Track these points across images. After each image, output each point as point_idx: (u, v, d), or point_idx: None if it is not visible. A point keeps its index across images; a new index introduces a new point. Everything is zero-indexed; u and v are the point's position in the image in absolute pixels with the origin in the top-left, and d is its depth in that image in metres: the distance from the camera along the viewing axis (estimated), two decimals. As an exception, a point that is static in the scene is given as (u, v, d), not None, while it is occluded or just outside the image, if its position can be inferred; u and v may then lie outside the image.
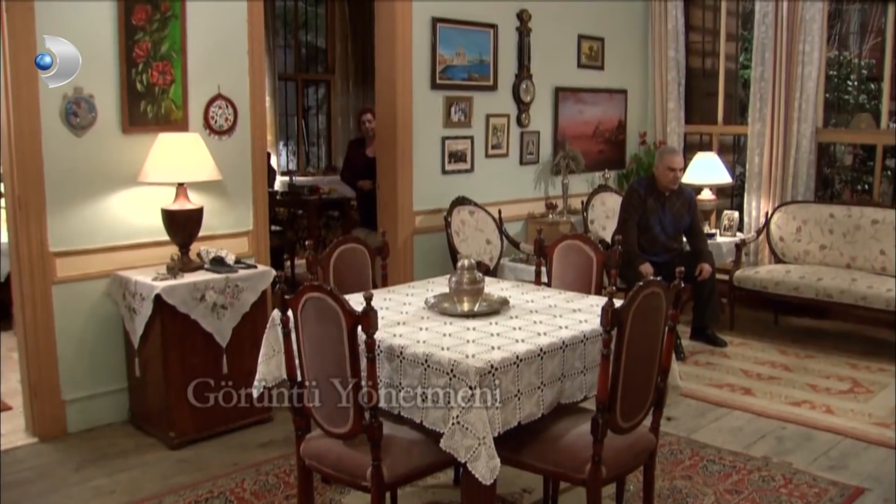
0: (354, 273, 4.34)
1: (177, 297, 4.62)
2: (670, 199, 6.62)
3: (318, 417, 3.28)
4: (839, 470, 4.47)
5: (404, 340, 3.20)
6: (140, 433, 4.94)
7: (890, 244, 6.90)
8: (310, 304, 3.12)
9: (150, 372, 4.82)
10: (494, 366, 2.95)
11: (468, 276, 3.61)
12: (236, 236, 5.49)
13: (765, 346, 6.73)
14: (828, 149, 8.34)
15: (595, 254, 4.40)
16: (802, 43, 7.50)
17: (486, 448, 2.89)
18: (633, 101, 8.61)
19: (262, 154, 5.66)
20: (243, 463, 4.54)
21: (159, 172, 4.81)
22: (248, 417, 5.00)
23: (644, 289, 3.10)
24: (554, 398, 3.25)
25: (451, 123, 6.75)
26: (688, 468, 4.44)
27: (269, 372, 3.71)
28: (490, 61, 6.99)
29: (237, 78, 5.42)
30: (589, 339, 3.36)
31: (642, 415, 3.33)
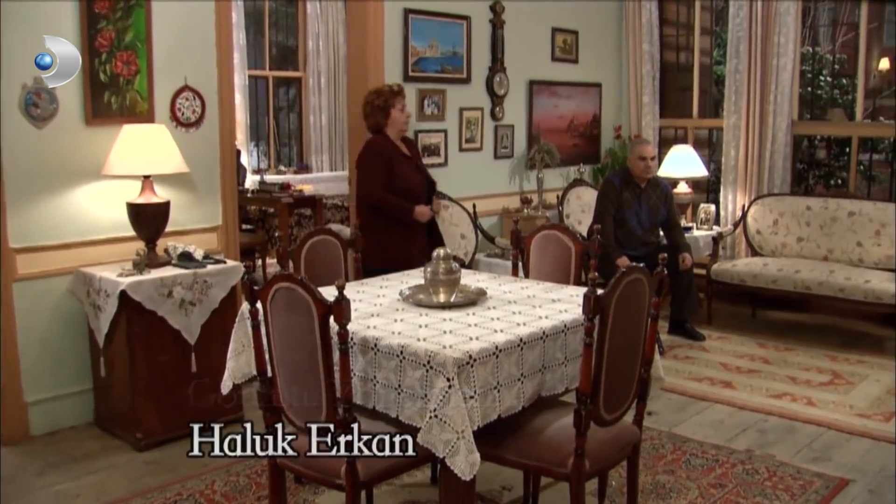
0: (327, 266, 4.21)
1: (143, 293, 4.47)
2: (646, 192, 6.55)
3: (290, 414, 3.16)
4: (823, 462, 4.40)
5: (379, 332, 3.08)
6: (106, 435, 4.79)
7: (866, 236, 6.87)
8: (279, 295, 3.00)
9: (116, 371, 4.67)
10: (473, 356, 2.84)
11: (444, 267, 3.50)
12: (205, 231, 5.35)
13: (743, 340, 6.67)
14: (801, 144, 8.31)
15: (574, 244, 4.30)
16: (777, 35, 7.47)
17: (464, 442, 2.77)
18: (608, 95, 8.53)
19: (231, 148, 5.53)
20: (213, 464, 4.37)
21: (124, 165, 4.66)
22: (218, 416, 4.81)
23: (627, 275, 3.00)
24: (535, 390, 3.14)
25: (424, 117, 6.64)
26: (670, 463, 4.35)
27: (238, 368, 3.60)
28: (463, 54, 6.89)
29: (205, 69, 5.28)
30: (570, 329, 3.26)
31: (626, 406, 3.23)
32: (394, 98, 5.33)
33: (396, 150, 5.36)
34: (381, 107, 5.31)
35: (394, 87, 5.41)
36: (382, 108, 5.31)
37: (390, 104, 5.32)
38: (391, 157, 5.28)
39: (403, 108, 5.39)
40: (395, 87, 5.41)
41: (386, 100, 5.31)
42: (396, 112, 5.34)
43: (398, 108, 5.34)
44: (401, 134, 5.44)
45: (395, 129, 5.37)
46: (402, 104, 5.37)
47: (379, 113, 5.33)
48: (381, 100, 5.33)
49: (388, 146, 5.33)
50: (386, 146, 5.32)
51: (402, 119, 5.39)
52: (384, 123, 5.35)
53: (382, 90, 5.41)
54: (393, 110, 5.33)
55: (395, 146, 5.37)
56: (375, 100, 5.36)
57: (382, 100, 5.30)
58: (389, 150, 5.31)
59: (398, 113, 5.34)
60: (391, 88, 5.40)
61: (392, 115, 5.33)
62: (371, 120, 5.39)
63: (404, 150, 5.44)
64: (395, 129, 5.37)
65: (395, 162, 5.29)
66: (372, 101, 5.38)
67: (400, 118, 5.36)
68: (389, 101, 5.31)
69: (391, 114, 5.33)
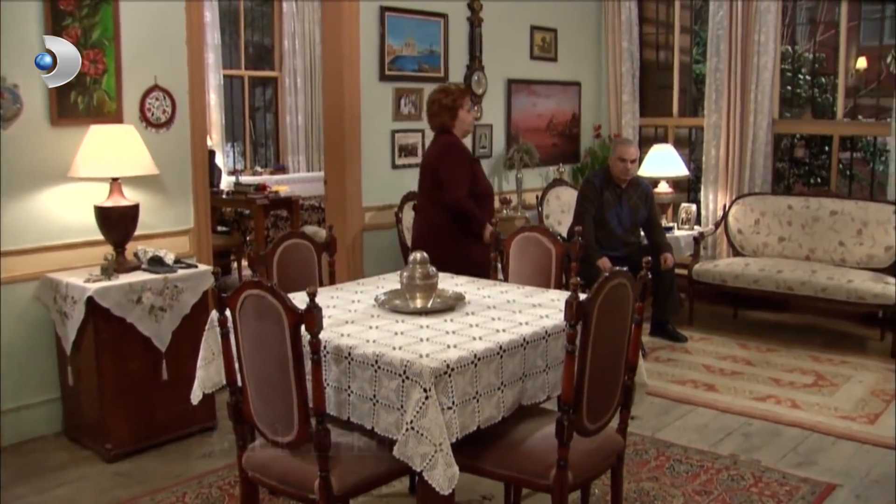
0: (300, 270, 4.08)
1: (111, 299, 4.33)
2: (627, 192, 6.48)
3: (261, 426, 3.03)
4: (809, 466, 4.33)
5: (352, 340, 2.96)
6: (75, 446, 4.64)
7: (848, 235, 6.81)
8: (249, 303, 2.87)
9: (84, 380, 4.52)
10: (451, 366, 2.73)
11: (420, 271, 3.38)
12: (176, 235, 5.21)
13: (725, 341, 6.60)
14: (779, 143, 8.25)
15: (554, 246, 4.20)
16: (758, 33, 7.41)
17: (443, 455, 2.66)
18: (587, 94, 8.45)
19: (203, 149, 5.39)
20: (185, 475, 4.27)
21: (91, 167, 4.51)
22: (190, 426, 4.72)
23: (610, 280, 2.89)
24: (515, 399, 3.03)
25: (401, 116, 6.53)
26: (654, 469, 4.26)
27: (208, 378, 3.46)
28: (441, 52, 6.78)
29: (175, 68, 5.14)
30: (551, 336, 3.15)
31: (610, 415, 3.12)
32: (462, 98, 5.13)
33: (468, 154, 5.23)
34: (450, 106, 5.10)
35: (461, 86, 5.22)
36: (450, 108, 5.11)
37: (459, 104, 5.11)
38: (471, 161, 5.16)
39: (471, 108, 5.21)
40: (463, 87, 5.22)
41: (455, 99, 5.10)
42: (464, 113, 5.14)
43: (466, 108, 5.14)
44: (466, 135, 5.26)
45: (461, 130, 5.17)
46: (469, 104, 5.17)
47: (446, 113, 5.12)
48: (450, 99, 5.12)
49: (465, 147, 5.18)
50: (465, 147, 5.17)
51: (470, 119, 5.20)
52: (451, 124, 5.14)
53: (450, 89, 5.22)
54: (461, 111, 5.12)
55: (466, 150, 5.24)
56: (443, 98, 5.14)
57: (451, 99, 5.10)
58: (468, 151, 5.16)
59: (466, 114, 5.14)
60: (459, 87, 5.24)
61: (460, 115, 5.12)
62: (437, 119, 5.17)
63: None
64: (461, 129, 5.17)
65: (474, 165, 5.17)
66: (439, 99, 5.16)
67: (468, 119, 5.17)
68: (458, 101, 5.10)
69: (459, 114, 5.11)
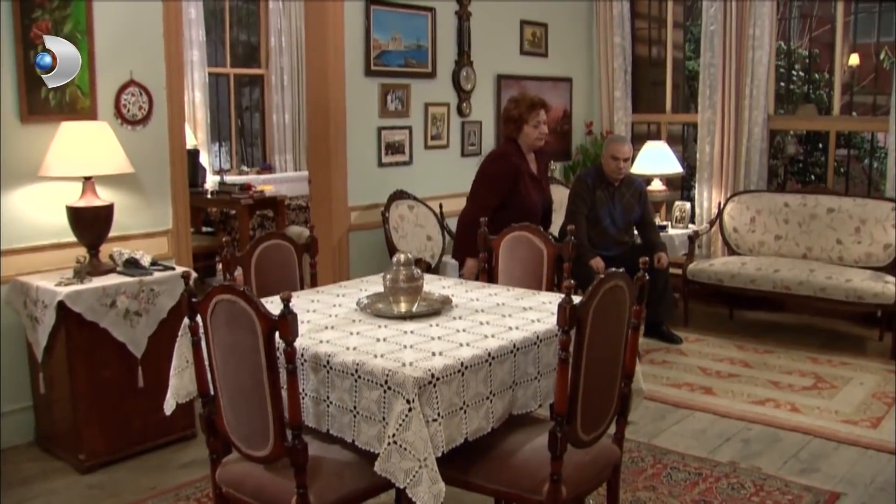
0: (279, 273, 3.90)
1: (83, 303, 4.14)
2: (619, 191, 6.33)
3: (235, 438, 2.85)
4: (811, 473, 4.17)
5: (332, 347, 2.78)
6: (47, 456, 4.45)
7: (846, 233, 6.66)
8: (220, 308, 2.69)
9: (57, 388, 4.34)
10: (436, 375, 2.55)
11: (405, 273, 3.20)
12: (154, 236, 5.02)
13: (722, 342, 6.44)
14: (773, 140, 8.11)
15: (546, 246, 4.03)
16: (752, 28, 7.26)
17: (427, 471, 2.48)
18: (579, 90, 8.29)
19: (182, 146, 5.19)
20: (162, 487, 4.10)
21: (62, 165, 4.32)
22: (167, 435, 4.54)
23: (606, 282, 2.72)
24: (505, 409, 2.85)
25: (388, 113, 6.34)
26: (651, 477, 4.09)
27: (182, 386, 3.28)
28: (428, 47, 6.60)
29: (152, 63, 4.95)
30: (543, 341, 2.98)
31: (605, 425, 2.95)
32: (530, 112, 5.08)
33: (523, 166, 5.16)
34: (516, 119, 5.13)
35: (534, 100, 5.16)
36: (516, 121, 5.14)
37: (525, 119, 5.09)
38: (516, 177, 5.09)
39: (538, 124, 5.12)
40: (535, 100, 5.16)
41: (521, 112, 5.09)
42: (529, 128, 5.11)
43: (532, 123, 5.10)
44: (531, 149, 5.22)
45: (525, 144, 5.17)
46: (537, 119, 5.10)
47: (512, 124, 5.17)
48: (518, 111, 5.13)
49: (516, 162, 5.12)
50: (513, 162, 5.12)
51: (535, 135, 5.13)
52: (516, 136, 5.17)
53: (521, 100, 5.20)
54: (526, 126, 5.11)
55: (523, 161, 5.17)
56: (512, 109, 5.18)
57: (518, 112, 5.11)
58: (516, 166, 5.11)
59: (531, 129, 5.11)
60: (531, 101, 5.16)
61: (525, 130, 5.12)
62: (505, 129, 5.27)
63: (532, 165, 5.23)
64: (525, 143, 5.17)
65: (519, 180, 5.10)
66: (509, 109, 5.21)
67: (532, 134, 5.12)
68: (525, 116, 5.08)
69: (524, 129, 5.12)
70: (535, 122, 5.10)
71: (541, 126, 5.14)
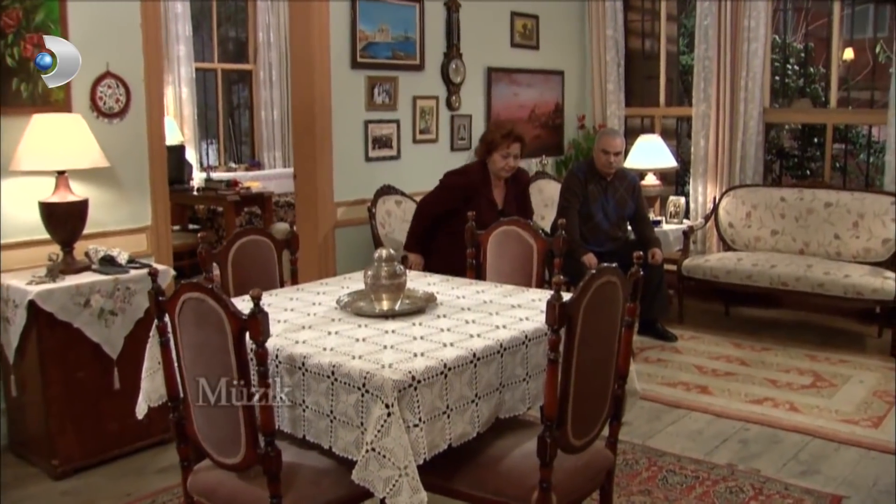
0: (258, 270, 3.74)
1: (55, 302, 3.98)
2: (612, 185, 6.18)
3: (206, 445, 2.69)
4: (812, 475, 4.02)
5: (308, 348, 2.63)
6: (20, 462, 4.29)
7: (844, 228, 6.53)
8: (188, 307, 2.53)
9: (29, 391, 4.18)
10: (416, 377, 2.40)
11: (387, 270, 3.05)
12: (132, 233, 4.84)
13: (718, 340, 6.30)
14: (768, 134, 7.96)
15: (535, 241, 3.88)
16: (748, 19, 7.12)
17: (408, 480, 2.33)
18: (571, 83, 8.12)
19: (161, 141, 5.02)
20: (138, 493, 3.95)
21: (34, 159, 4.15)
22: (145, 438, 4.38)
23: (597, 278, 2.56)
24: (492, 413, 2.70)
25: (375, 106, 6.18)
26: (646, 481, 3.94)
27: (154, 389, 3.13)
28: (416, 39, 6.43)
29: (130, 54, 4.77)
30: (532, 341, 2.83)
31: (598, 429, 2.80)
32: (503, 141, 5.16)
33: (483, 189, 5.25)
34: (488, 142, 5.25)
35: (512, 131, 5.23)
36: (488, 144, 5.25)
37: (496, 145, 5.19)
38: (468, 195, 5.16)
39: (508, 155, 5.19)
40: (513, 131, 5.23)
41: (495, 138, 5.20)
42: (497, 156, 5.20)
43: (501, 152, 5.18)
44: (497, 177, 5.31)
45: (493, 168, 5.27)
46: (507, 150, 5.17)
47: (484, 146, 5.31)
48: (492, 136, 5.25)
49: (474, 180, 5.26)
50: (471, 179, 5.28)
51: (500, 164, 5.21)
52: (486, 158, 5.30)
53: (501, 126, 5.36)
54: (495, 153, 5.21)
55: (485, 185, 5.27)
56: (489, 133, 5.38)
57: (492, 137, 5.23)
58: (472, 184, 5.25)
59: (498, 157, 5.20)
60: (509, 130, 5.22)
61: (493, 156, 5.23)
62: (479, 148, 5.41)
63: (497, 192, 5.33)
64: (491, 169, 5.28)
65: (472, 200, 5.08)
66: (487, 130, 5.51)
67: (498, 163, 5.22)
68: (497, 142, 5.18)
69: (493, 154, 5.22)
70: (504, 151, 5.17)
71: (509, 158, 5.21)
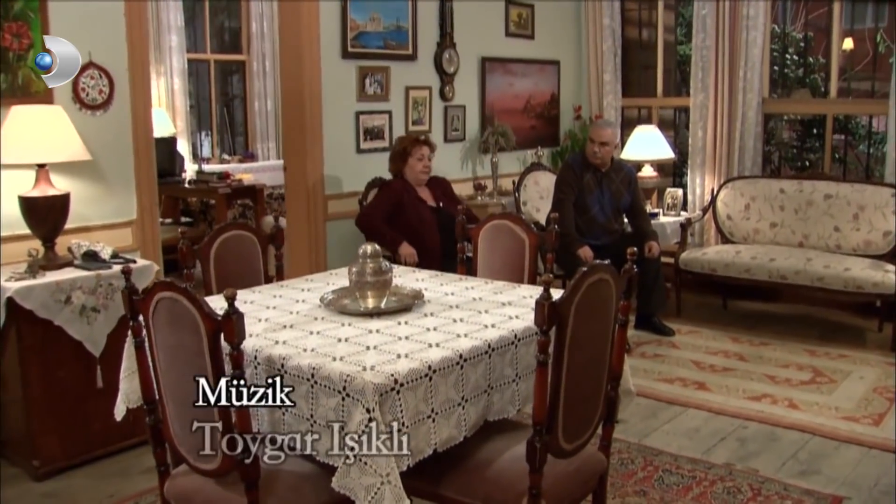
0: (242, 266, 3.64)
1: (34, 299, 3.87)
2: (608, 176, 6.08)
3: (182, 450, 2.59)
4: (811, 475, 3.93)
5: (287, 349, 2.52)
6: (2, 462, 4.18)
7: (844, 220, 6.42)
8: (162, 307, 2.43)
9: (9, 390, 4.09)
10: (399, 380, 2.30)
11: (372, 266, 2.94)
12: (117, 227, 4.74)
13: (715, 334, 6.20)
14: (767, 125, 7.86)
15: (528, 236, 3.78)
16: (746, 8, 7.02)
17: (390, 487, 2.23)
18: (567, 73, 8.02)
19: (147, 133, 4.90)
20: (121, 494, 3.86)
21: (13, 152, 4.04)
22: (129, 438, 4.26)
23: (589, 275, 2.45)
24: (479, 416, 2.60)
25: (366, 96, 6.08)
26: (641, 481, 3.84)
27: (132, 390, 3.03)
28: (408, 28, 6.32)
29: (113, 44, 4.65)
30: (522, 340, 2.72)
31: (590, 433, 2.69)
32: (413, 146, 5.54)
33: (406, 196, 5.51)
34: (401, 152, 5.57)
35: (420, 137, 5.69)
36: (402, 154, 5.56)
37: (409, 152, 5.53)
38: (398, 200, 5.48)
39: (422, 157, 5.55)
40: (420, 137, 5.69)
41: (406, 146, 5.56)
42: (413, 160, 5.53)
43: (416, 156, 5.53)
44: (419, 181, 5.60)
45: (411, 177, 5.56)
46: (420, 153, 5.54)
47: (398, 158, 5.59)
48: (402, 146, 5.60)
49: (397, 187, 5.54)
50: (394, 187, 5.55)
51: (419, 168, 5.54)
52: (403, 169, 5.57)
53: (406, 137, 5.80)
54: (410, 158, 5.53)
55: (408, 191, 5.53)
56: (398, 145, 5.67)
57: (402, 146, 5.58)
58: (396, 191, 5.52)
59: (415, 161, 5.53)
60: (415, 137, 5.67)
61: (409, 162, 5.54)
62: (393, 166, 5.66)
63: (425, 193, 5.63)
64: (411, 176, 5.56)
65: (404, 204, 5.47)
66: (395, 146, 5.72)
67: (416, 167, 5.54)
68: (409, 149, 5.53)
69: (408, 161, 5.54)
70: (419, 154, 5.53)
71: (424, 159, 5.56)
